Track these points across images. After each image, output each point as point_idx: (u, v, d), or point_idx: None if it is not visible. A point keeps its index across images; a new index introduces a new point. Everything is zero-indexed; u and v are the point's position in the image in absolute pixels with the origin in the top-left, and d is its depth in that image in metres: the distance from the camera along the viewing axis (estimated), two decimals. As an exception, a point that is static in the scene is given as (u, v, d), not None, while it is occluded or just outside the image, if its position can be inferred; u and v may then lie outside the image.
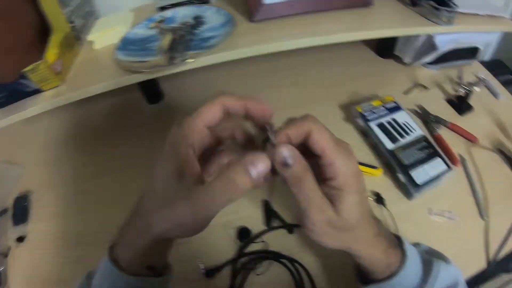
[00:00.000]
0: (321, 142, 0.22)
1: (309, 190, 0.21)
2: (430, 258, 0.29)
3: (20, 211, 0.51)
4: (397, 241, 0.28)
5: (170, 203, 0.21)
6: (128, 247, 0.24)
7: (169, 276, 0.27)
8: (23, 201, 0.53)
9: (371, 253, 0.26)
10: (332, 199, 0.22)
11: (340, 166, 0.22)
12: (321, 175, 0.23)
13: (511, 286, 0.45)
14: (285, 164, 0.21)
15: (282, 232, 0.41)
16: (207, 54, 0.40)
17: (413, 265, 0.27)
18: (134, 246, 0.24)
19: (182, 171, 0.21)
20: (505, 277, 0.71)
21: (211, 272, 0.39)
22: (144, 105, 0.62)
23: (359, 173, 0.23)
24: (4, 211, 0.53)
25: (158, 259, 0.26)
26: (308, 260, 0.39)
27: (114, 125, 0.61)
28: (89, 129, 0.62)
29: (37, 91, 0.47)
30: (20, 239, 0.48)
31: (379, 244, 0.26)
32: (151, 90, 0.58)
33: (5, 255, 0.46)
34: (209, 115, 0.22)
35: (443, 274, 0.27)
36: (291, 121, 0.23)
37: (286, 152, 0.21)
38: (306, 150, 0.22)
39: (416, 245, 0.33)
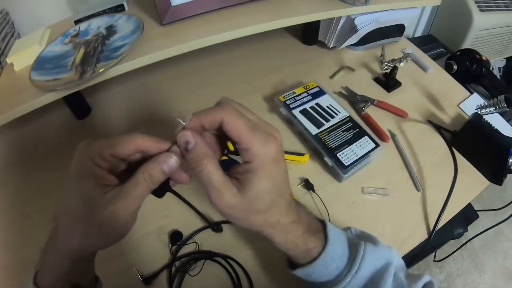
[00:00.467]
0: (235, 130, 0.23)
1: (207, 174, 0.23)
2: (358, 241, 0.30)
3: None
4: (321, 226, 0.29)
5: (95, 211, 0.22)
6: (51, 272, 0.25)
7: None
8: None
9: (285, 239, 0.27)
10: (244, 182, 0.24)
11: (256, 151, 0.23)
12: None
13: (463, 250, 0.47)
14: (186, 149, 0.23)
15: (211, 232, 0.43)
16: (115, 64, 0.41)
17: (337, 249, 0.28)
18: (55, 269, 0.24)
19: (97, 182, 0.23)
20: (454, 242, 0.75)
21: (148, 279, 0.40)
22: (73, 121, 0.62)
23: (276, 160, 0.24)
24: None
25: (82, 277, 0.27)
26: (242, 255, 0.40)
27: (46, 145, 0.60)
28: (22, 153, 0.61)
29: (-41, 122, 0.47)
30: None
31: (294, 230, 0.27)
32: (76, 105, 0.59)
33: None
34: (119, 150, 0.23)
35: (371, 256, 0.28)
36: (204, 110, 0.24)
37: (185, 138, 0.23)
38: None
39: (347, 229, 0.34)
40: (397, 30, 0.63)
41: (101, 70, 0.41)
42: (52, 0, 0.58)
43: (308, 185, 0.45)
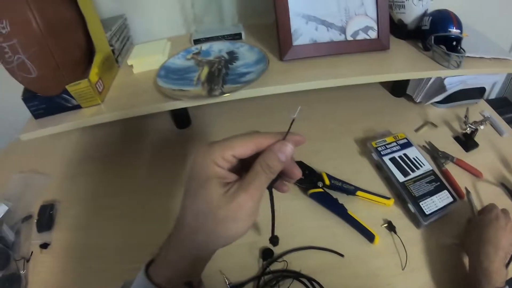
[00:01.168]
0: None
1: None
2: None
3: (46, 218, 0.56)
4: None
5: (221, 208, 0.24)
6: (169, 268, 0.26)
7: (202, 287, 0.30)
8: (49, 210, 0.57)
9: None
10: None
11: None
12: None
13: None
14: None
15: (302, 253, 0.48)
16: (244, 88, 0.49)
17: None
18: (175, 266, 0.26)
19: (220, 181, 0.25)
20: None
21: (236, 287, 0.46)
22: (173, 128, 0.69)
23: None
24: (29, 217, 0.58)
25: (196, 276, 0.28)
26: (326, 280, 0.45)
27: (141, 146, 0.68)
28: (117, 148, 0.69)
29: (76, 107, 0.54)
30: (44, 246, 0.52)
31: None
32: (181, 116, 0.66)
33: (27, 259, 0.51)
34: (240, 150, 0.25)
35: None
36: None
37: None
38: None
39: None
40: (479, 92, 0.70)
41: (229, 92, 0.48)
42: (167, 15, 0.67)
43: (391, 226, 0.51)
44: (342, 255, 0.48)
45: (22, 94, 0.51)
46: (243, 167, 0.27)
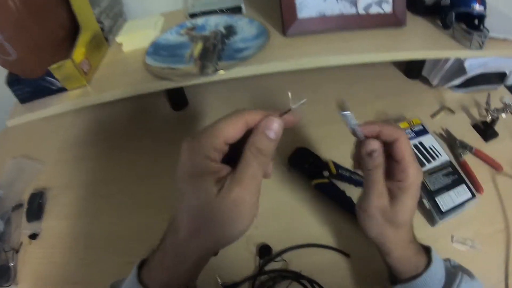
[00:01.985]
0: (404, 151, 0.26)
1: (377, 178, 0.27)
2: (456, 271, 0.30)
3: (35, 207, 0.50)
4: (424, 251, 0.30)
5: (217, 208, 0.20)
6: (168, 271, 0.23)
7: None
8: (39, 198, 0.52)
9: (403, 254, 0.29)
10: (392, 196, 0.27)
11: (410, 174, 0.26)
12: (391, 173, 0.27)
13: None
14: (370, 155, 0.25)
15: (303, 252, 0.40)
16: (240, 65, 0.39)
17: (437, 273, 0.29)
18: (171, 271, 0.23)
19: (214, 178, 0.21)
20: None
21: None
22: (169, 111, 0.61)
23: (420, 186, 0.28)
24: (19, 205, 0.52)
25: (193, 279, 0.25)
26: (329, 282, 0.38)
27: (136, 130, 0.60)
28: (111, 132, 0.61)
29: (62, 90, 0.46)
30: (33, 236, 0.47)
31: (411, 247, 0.29)
32: (177, 97, 0.58)
33: (17, 250, 0.46)
34: (230, 134, 0.21)
35: (465, 286, 0.28)
36: (387, 123, 0.27)
37: (373, 147, 0.25)
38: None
39: (446, 260, 0.33)
40: (499, 77, 0.59)
41: (224, 70, 0.39)
42: (164, -12, 0.57)
43: (403, 224, 0.42)
44: (348, 255, 0.40)
45: (6, 78, 0.45)
46: (233, 155, 0.22)
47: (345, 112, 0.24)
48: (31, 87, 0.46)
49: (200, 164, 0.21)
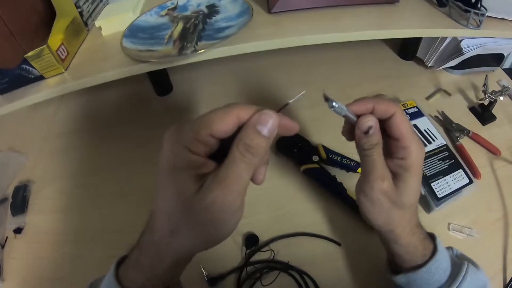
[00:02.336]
0: (401, 126, 0.23)
1: (377, 158, 0.23)
2: (461, 261, 0.28)
3: (19, 201, 0.47)
4: (430, 238, 0.28)
5: (196, 208, 0.18)
6: (143, 271, 0.21)
7: None
8: (23, 191, 0.49)
9: (410, 241, 0.26)
10: (395, 176, 0.24)
11: (412, 151, 0.23)
12: (389, 151, 0.24)
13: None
14: (366, 132, 0.23)
15: (292, 241, 0.37)
16: (220, 45, 0.35)
17: (443, 262, 0.26)
18: (149, 270, 0.20)
19: (195, 173, 0.18)
20: None
21: (214, 280, 0.34)
22: (153, 96, 0.57)
23: (422, 162, 0.24)
24: (4, 200, 0.49)
25: (175, 280, 0.23)
26: (319, 272, 0.35)
27: (121, 117, 0.56)
28: (96, 120, 0.57)
29: (40, 78, 0.43)
30: (18, 230, 0.44)
31: (417, 234, 0.26)
32: (160, 81, 0.54)
33: (2, 245, 0.43)
34: (219, 127, 0.18)
35: (471, 278, 0.26)
36: (380, 98, 0.23)
37: (370, 123, 0.22)
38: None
39: (448, 248, 0.31)
40: (496, 59, 0.55)
41: (203, 50, 0.35)
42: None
43: (397, 211, 0.38)
44: (339, 244, 0.37)
45: (-19, 69, 0.41)
46: (227, 151, 0.19)
47: (334, 104, 0.20)
48: (9, 77, 0.42)
49: (180, 155, 0.18)
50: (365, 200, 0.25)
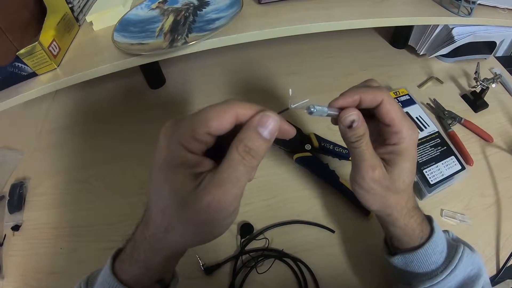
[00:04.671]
0: (391, 112, 0.23)
1: (365, 148, 0.23)
2: (457, 243, 0.28)
3: (16, 198, 0.47)
4: (427, 221, 0.28)
5: (191, 207, 0.17)
6: (138, 266, 0.21)
7: (175, 282, 0.24)
8: (19, 188, 0.49)
9: (407, 223, 0.26)
10: (388, 162, 0.24)
11: (405, 135, 0.23)
12: (382, 137, 0.24)
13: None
14: (350, 126, 0.22)
15: (286, 229, 0.37)
16: (211, 37, 0.36)
17: (439, 243, 0.27)
18: (144, 265, 0.21)
19: (190, 172, 0.18)
20: (510, 282, 0.67)
21: (210, 269, 0.35)
22: (147, 89, 0.57)
23: (416, 146, 0.25)
24: (1, 197, 0.49)
25: (169, 271, 0.24)
26: (313, 259, 0.35)
27: (115, 110, 0.57)
28: (89, 114, 0.58)
29: (32, 75, 0.43)
30: (16, 228, 0.44)
31: (415, 216, 0.27)
32: (153, 74, 0.54)
33: (0, 243, 0.43)
34: (216, 124, 0.17)
35: (467, 260, 0.26)
36: (366, 88, 0.23)
37: (352, 117, 0.22)
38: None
39: (445, 231, 0.31)
40: (488, 47, 0.55)
41: (193, 42, 0.35)
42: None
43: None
44: (332, 231, 0.37)
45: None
46: (223, 148, 0.18)
47: (312, 109, 0.20)
48: (1, 75, 0.42)
49: (176, 153, 0.18)
50: (359, 190, 0.25)
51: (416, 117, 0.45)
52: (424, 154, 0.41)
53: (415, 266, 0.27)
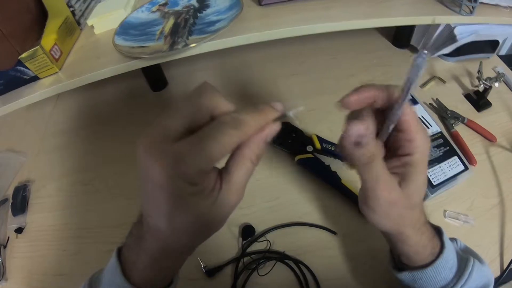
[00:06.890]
0: (408, 116, 0.20)
1: (379, 169, 0.20)
2: (467, 255, 0.27)
3: (19, 201, 0.48)
4: (437, 234, 0.26)
5: (212, 211, 0.17)
6: (144, 271, 0.20)
7: (176, 279, 0.24)
8: (22, 191, 0.49)
9: (419, 240, 0.24)
10: (402, 175, 0.21)
11: (419, 144, 0.20)
12: (391, 147, 0.21)
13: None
14: (358, 143, 0.19)
15: (288, 231, 0.37)
16: (211, 39, 0.36)
17: (449, 259, 0.25)
18: (152, 269, 0.20)
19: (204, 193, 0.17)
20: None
21: (212, 271, 0.35)
22: (148, 92, 0.57)
23: (428, 155, 0.22)
24: (5, 200, 0.50)
25: (175, 272, 0.23)
26: (315, 261, 0.35)
27: (117, 113, 0.57)
28: (92, 117, 0.58)
29: (35, 78, 0.43)
30: (19, 230, 0.45)
31: (427, 232, 0.25)
32: (155, 77, 0.54)
33: (4, 246, 0.44)
34: (220, 156, 0.17)
35: (477, 274, 0.25)
36: (379, 85, 0.20)
37: (361, 131, 0.19)
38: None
39: (452, 240, 0.29)
40: (491, 46, 0.55)
41: (193, 45, 0.35)
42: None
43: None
44: (334, 233, 0.37)
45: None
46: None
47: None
48: (4, 79, 0.42)
49: (184, 190, 0.16)
50: (371, 214, 0.22)
51: (419, 117, 0.44)
52: (427, 155, 0.41)
53: (424, 283, 0.25)
